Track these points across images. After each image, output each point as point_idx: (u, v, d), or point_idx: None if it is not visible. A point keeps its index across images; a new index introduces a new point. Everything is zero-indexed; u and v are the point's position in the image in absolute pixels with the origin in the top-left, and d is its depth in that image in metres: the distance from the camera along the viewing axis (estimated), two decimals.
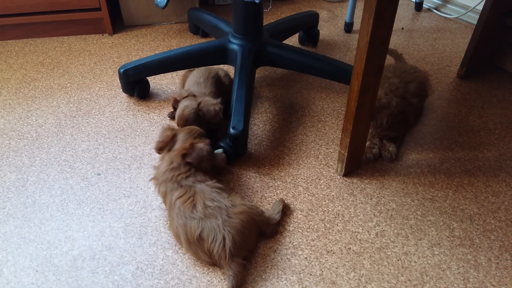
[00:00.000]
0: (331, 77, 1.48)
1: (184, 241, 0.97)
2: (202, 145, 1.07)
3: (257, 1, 1.06)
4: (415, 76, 1.34)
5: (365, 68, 0.96)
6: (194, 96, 1.25)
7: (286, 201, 1.13)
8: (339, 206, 1.13)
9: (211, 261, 0.95)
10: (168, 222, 1.06)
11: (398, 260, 1.00)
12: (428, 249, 1.03)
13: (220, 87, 1.35)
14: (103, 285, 0.95)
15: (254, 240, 1.00)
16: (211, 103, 1.21)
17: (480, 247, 1.03)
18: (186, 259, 1.00)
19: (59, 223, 1.08)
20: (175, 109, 1.25)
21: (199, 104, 1.20)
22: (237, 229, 0.94)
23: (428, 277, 0.97)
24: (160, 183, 1.04)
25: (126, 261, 0.99)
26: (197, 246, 0.95)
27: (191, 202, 0.97)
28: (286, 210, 1.11)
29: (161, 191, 1.04)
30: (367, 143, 1.25)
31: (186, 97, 1.23)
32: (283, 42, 1.57)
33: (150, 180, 1.09)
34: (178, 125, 1.21)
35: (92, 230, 1.06)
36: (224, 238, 0.92)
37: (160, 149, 1.11)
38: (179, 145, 1.08)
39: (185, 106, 1.19)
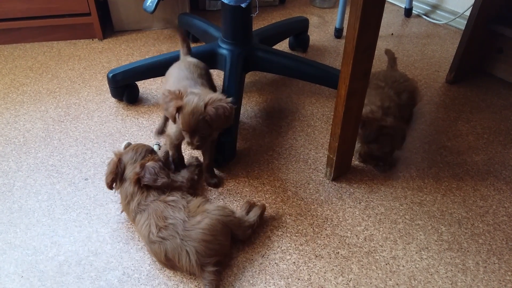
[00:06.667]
0: (320, 82, 1.48)
1: (158, 261, 0.98)
2: (151, 163, 1.02)
3: (243, 6, 1.06)
4: (405, 85, 1.32)
5: (352, 73, 0.97)
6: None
7: (275, 205, 1.13)
8: (328, 211, 1.12)
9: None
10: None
11: (386, 264, 1.00)
12: (416, 253, 1.03)
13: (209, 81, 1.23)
14: None
15: (225, 242, 0.98)
16: (219, 102, 1.00)
17: (468, 251, 1.04)
18: None
19: (45, 229, 1.07)
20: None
21: (205, 106, 0.99)
22: (199, 239, 0.92)
23: (416, 281, 0.97)
24: (123, 210, 1.06)
25: (113, 267, 0.98)
26: (171, 264, 0.95)
27: (147, 226, 0.96)
28: (265, 215, 1.08)
29: (130, 218, 1.05)
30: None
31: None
32: (273, 47, 1.58)
33: (121, 212, 1.08)
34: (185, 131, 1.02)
35: (79, 236, 1.05)
36: (187, 253, 0.92)
37: (112, 182, 1.04)
38: (129, 171, 1.03)
39: (193, 108, 0.98)
